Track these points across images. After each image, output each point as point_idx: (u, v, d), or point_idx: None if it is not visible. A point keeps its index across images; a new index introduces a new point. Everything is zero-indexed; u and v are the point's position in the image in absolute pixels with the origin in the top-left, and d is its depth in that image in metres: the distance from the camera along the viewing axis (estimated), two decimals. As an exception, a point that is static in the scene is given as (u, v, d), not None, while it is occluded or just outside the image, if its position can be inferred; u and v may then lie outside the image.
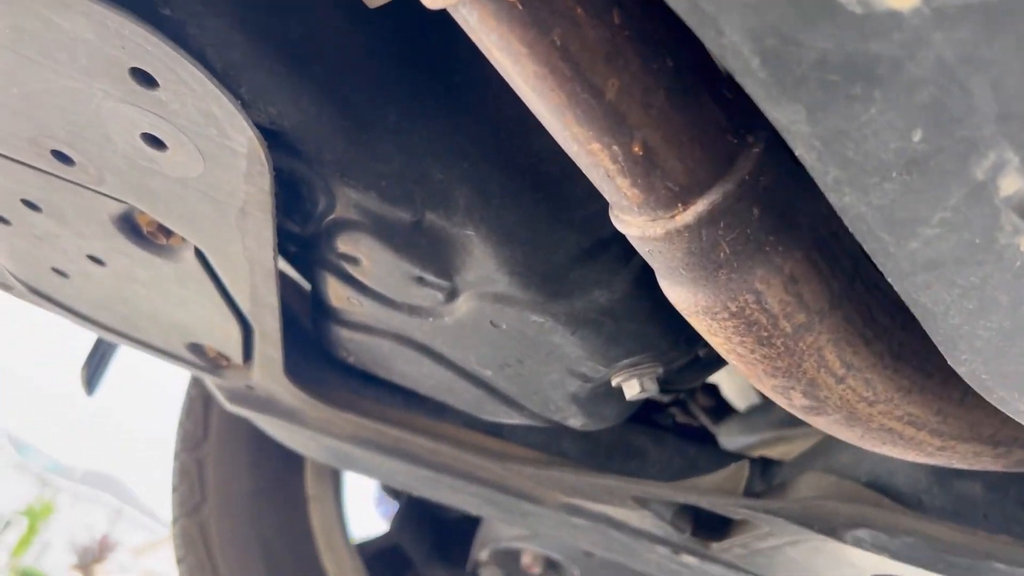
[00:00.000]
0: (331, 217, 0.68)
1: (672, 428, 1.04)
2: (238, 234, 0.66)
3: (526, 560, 1.67)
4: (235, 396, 1.04)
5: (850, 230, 0.42)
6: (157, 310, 0.90)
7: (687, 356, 0.76)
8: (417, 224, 0.65)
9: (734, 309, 0.51)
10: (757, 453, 1.10)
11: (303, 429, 1.04)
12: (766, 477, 0.88)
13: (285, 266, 0.93)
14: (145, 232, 0.73)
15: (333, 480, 1.82)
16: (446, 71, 0.60)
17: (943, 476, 0.78)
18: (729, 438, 1.51)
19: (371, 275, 0.73)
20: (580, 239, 0.65)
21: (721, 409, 1.52)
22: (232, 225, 0.65)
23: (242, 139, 0.54)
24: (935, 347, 0.57)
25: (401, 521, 1.96)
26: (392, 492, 2.01)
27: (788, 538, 0.78)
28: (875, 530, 0.73)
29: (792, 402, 0.57)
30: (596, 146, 0.46)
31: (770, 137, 0.48)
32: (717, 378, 1.84)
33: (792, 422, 1.37)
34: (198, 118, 0.54)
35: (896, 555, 0.73)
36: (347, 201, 0.65)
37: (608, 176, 0.48)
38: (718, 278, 0.51)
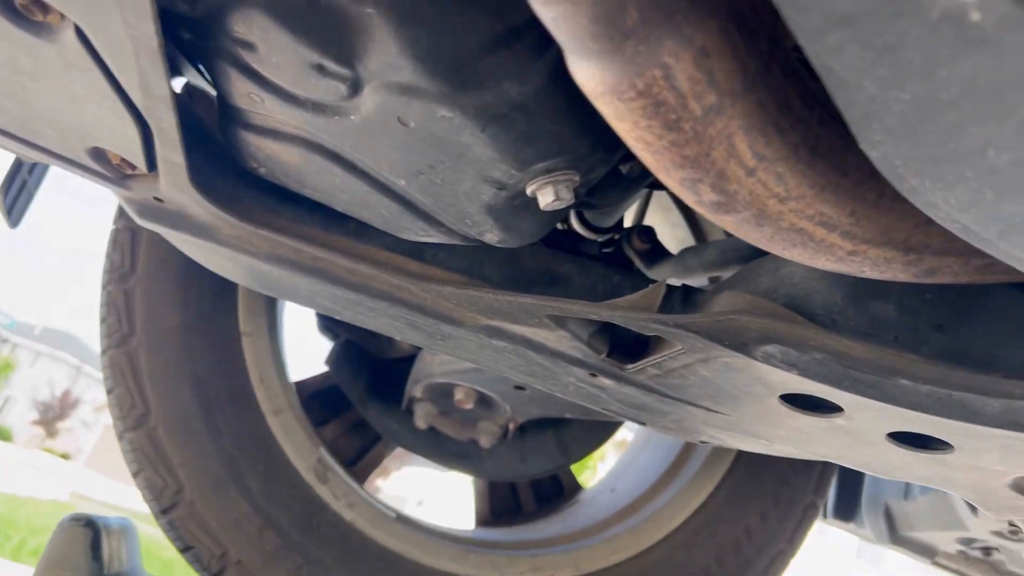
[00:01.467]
0: (219, -10, 0.62)
1: (598, 257, 1.03)
2: (115, 5, 0.60)
3: (459, 396, 1.69)
4: (145, 210, 0.99)
5: (760, -22, 0.38)
6: (51, 108, 0.83)
7: (605, 165, 0.73)
8: (312, 0, 0.60)
9: (641, 87, 0.48)
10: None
11: (218, 247, 1.00)
12: (686, 302, 0.88)
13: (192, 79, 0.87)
14: (18, 5, 0.66)
15: (267, 317, 1.80)
16: None
17: (859, 297, 0.77)
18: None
19: (268, 63, 0.67)
20: (492, 24, 0.60)
21: (656, 254, 1.51)
22: (106, -8, 0.58)
23: None
24: (852, 144, 0.54)
25: (336, 361, 1.97)
26: (329, 331, 2.01)
27: (699, 355, 0.78)
28: (785, 346, 0.73)
29: (701, 197, 0.55)
30: None
31: None
32: (653, 220, 1.82)
33: (723, 262, 1.37)
34: None
35: (805, 371, 0.73)
36: (234, -31, 0.59)
37: (506, -78, 0.43)
38: (624, 51, 0.46)
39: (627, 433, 2.82)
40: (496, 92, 0.62)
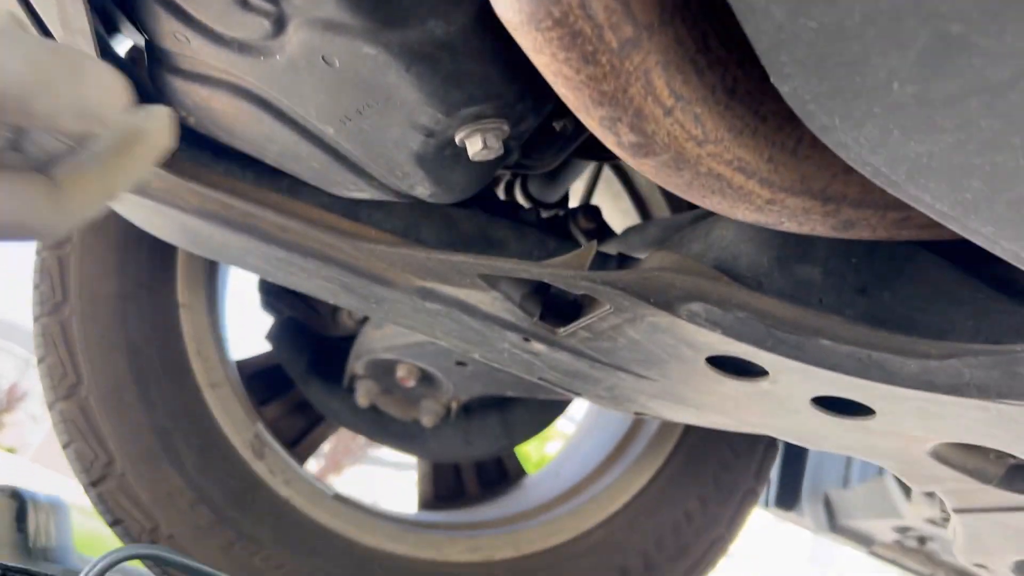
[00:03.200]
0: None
1: (535, 223, 1.02)
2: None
3: (400, 373, 1.67)
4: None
5: None
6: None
7: (535, 116, 0.73)
8: (234, -72, 0.58)
9: (557, 15, 0.47)
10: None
11: (147, 201, 0.98)
12: (621, 267, 0.87)
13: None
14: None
15: (207, 290, 1.76)
16: None
17: (785, 260, 0.78)
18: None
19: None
20: None
21: (601, 233, 1.51)
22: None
23: None
24: (771, 89, 0.54)
25: (277, 337, 1.94)
26: (272, 308, 1.98)
27: (626, 315, 0.78)
28: (709, 304, 0.73)
29: (620, 138, 0.54)
30: None
31: None
32: (599, 200, 1.83)
33: (665, 240, 1.37)
34: None
35: (728, 330, 0.74)
36: None
37: None
38: (541, -24, 0.46)
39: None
40: (421, 30, 0.61)
